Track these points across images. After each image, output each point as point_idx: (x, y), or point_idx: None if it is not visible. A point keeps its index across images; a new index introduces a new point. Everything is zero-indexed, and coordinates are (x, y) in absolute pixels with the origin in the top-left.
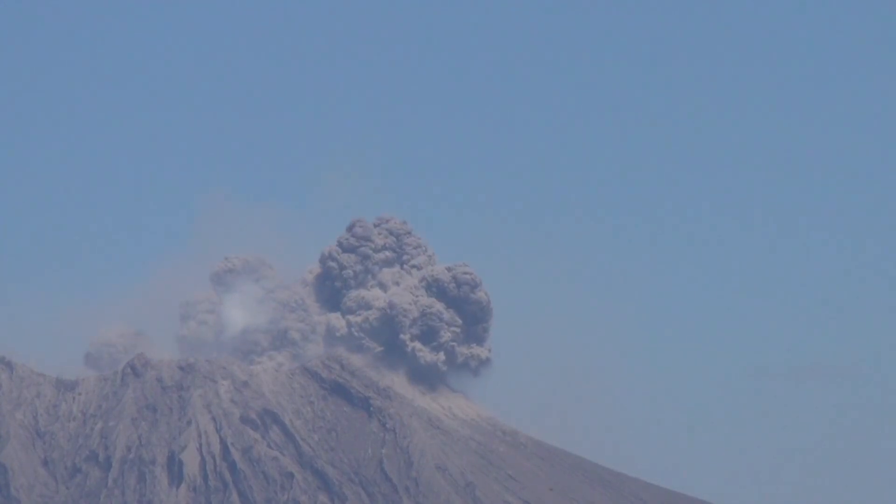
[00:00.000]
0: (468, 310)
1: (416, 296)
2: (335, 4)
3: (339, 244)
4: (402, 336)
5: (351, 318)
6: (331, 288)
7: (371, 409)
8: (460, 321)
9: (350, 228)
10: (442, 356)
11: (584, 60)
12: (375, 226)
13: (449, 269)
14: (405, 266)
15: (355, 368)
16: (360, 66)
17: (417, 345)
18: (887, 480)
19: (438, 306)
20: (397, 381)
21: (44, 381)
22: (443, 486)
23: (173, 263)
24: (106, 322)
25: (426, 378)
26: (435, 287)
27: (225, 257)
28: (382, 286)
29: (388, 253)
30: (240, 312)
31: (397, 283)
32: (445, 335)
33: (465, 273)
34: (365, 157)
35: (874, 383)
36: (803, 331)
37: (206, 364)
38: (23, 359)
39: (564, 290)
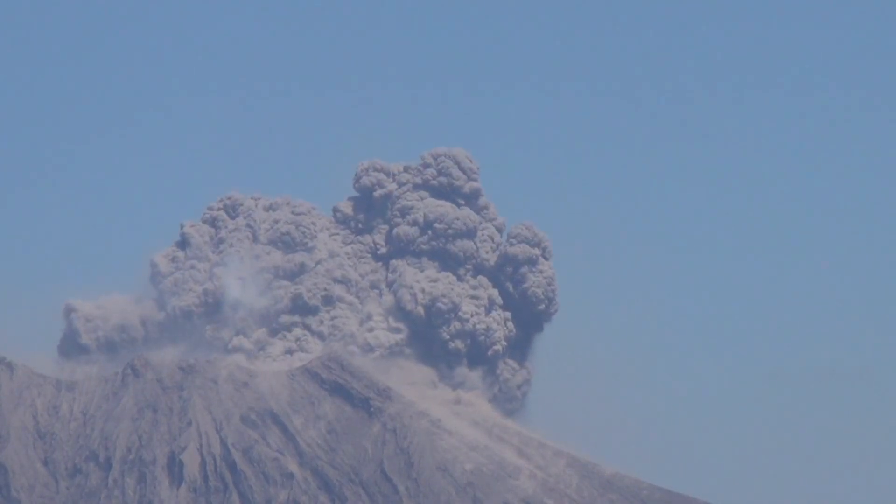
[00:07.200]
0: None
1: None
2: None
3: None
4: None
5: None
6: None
7: (371, 409)
8: (514, 328)
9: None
10: (479, 372)
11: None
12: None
13: (511, 238)
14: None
15: (355, 369)
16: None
17: (462, 369)
18: None
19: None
20: (407, 371)
21: (44, 382)
22: (444, 486)
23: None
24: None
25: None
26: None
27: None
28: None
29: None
30: (238, 290)
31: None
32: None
33: (531, 235)
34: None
35: (889, 385)
36: (817, 332)
37: (206, 364)
38: (23, 359)
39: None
